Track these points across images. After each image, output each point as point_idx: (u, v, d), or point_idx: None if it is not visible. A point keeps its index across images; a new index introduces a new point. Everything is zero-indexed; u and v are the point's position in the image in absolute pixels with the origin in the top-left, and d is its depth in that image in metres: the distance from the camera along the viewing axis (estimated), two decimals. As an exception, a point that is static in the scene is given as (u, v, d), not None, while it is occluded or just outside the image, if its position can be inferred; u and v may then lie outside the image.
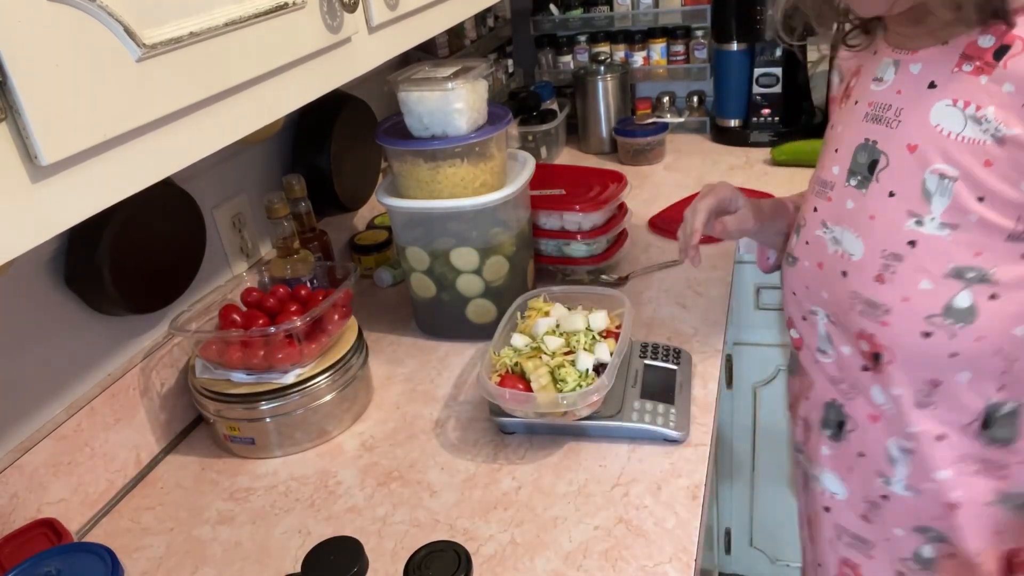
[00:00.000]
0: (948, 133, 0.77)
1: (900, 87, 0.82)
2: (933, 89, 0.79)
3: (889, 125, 0.83)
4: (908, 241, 0.81)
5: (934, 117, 0.78)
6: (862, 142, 0.86)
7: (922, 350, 0.83)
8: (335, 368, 1.07)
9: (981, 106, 0.75)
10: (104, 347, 1.03)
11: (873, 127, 0.85)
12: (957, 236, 0.78)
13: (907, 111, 0.81)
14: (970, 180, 0.76)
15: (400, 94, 1.17)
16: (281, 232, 1.22)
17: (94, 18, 0.51)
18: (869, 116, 0.85)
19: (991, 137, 0.74)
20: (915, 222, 0.80)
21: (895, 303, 0.83)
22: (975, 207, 0.76)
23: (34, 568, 0.75)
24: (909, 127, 0.81)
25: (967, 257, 0.78)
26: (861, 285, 0.85)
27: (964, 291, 0.79)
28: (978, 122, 0.75)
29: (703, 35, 2.04)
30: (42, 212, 0.50)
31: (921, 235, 0.80)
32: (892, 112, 0.83)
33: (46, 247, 0.94)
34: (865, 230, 0.85)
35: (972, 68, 0.76)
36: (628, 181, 1.45)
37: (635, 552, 0.85)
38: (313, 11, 0.74)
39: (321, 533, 0.93)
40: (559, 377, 1.00)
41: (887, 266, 0.83)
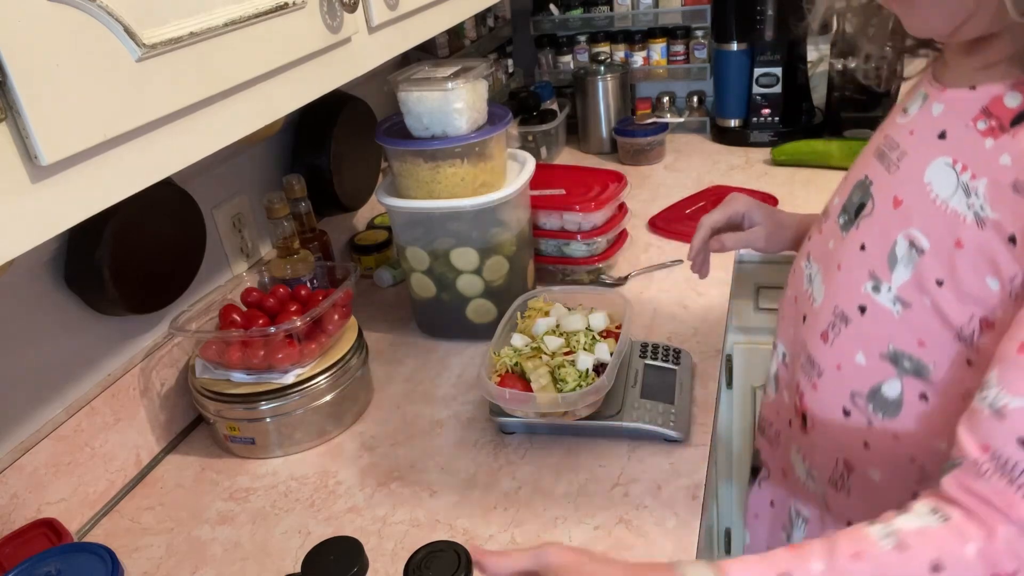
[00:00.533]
0: (935, 197, 0.67)
1: (915, 127, 0.72)
2: (941, 140, 0.68)
3: (889, 168, 0.74)
4: (859, 305, 0.72)
5: (929, 173, 0.68)
6: (861, 179, 0.77)
7: (839, 427, 0.75)
8: (335, 368, 1.07)
9: (977, 175, 0.64)
10: (104, 347, 1.03)
11: (876, 165, 0.76)
12: (907, 316, 0.68)
13: (909, 158, 0.71)
14: (937, 258, 0.65)
15: (400, 94, 1.17)
16: (281, 232, 1.22)
17: (94, 18, 0.51)
18: (878, 151, 0.76)
19: (973, 215, 0.63)
20: (872, 287, 0.71)
21: (828, 368, 0.76)
22: (932, 290, 0.66)
23: (34, 568, 0.75)
24: (903, 177, 0.71)
25: (910, 343, 0.68)
26: (809, 336, 0.78)
27: (895, 379, 0.70)
28: (967, 193, 0.64)
29: (703, 35, 2.04)
30: (42, 212, 0.50)
31: (873, 303, 0.71)
32: (897, 154, 0.73)
33: (46, 247, 0.94)
34: (830, 278, 0.77)
35: (986, 127, 0.64)
36: (628, 181, 1.45)
37: (635, 552, 0.85)
38: (313, 11, 0.74)
39: (321, 533, 0.93)
40: (559, 377, 1.00)
41: (834, 325, 0.75)
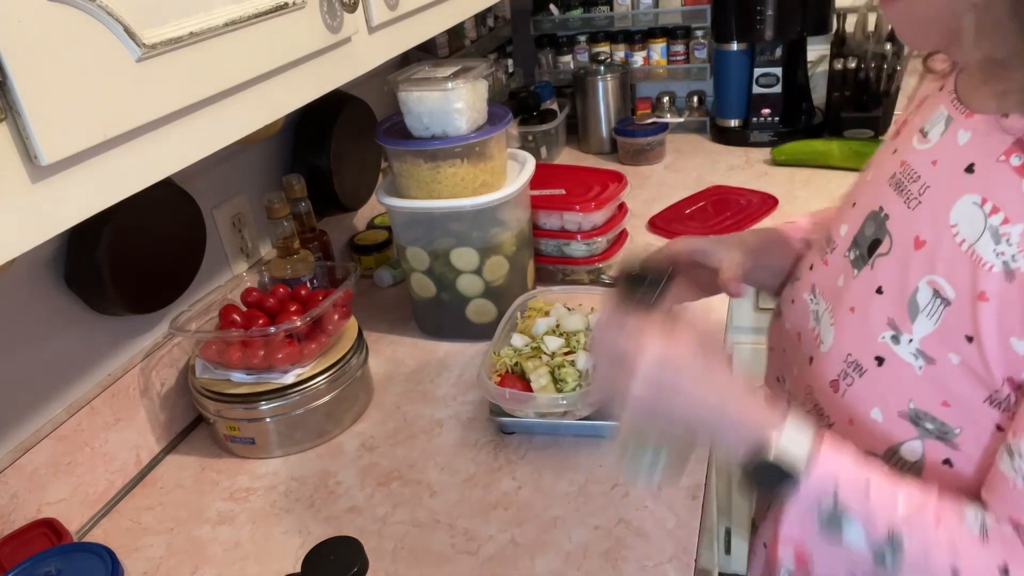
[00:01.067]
0: (961, 240, 0.59)
1: (939, 156, 0.64)
2: (969, 175, 0.60)
3: (908, 202, 0.65)
4: (876, 356, 0.64)
5: (955, 214, 0.60)
6: (875, 210, 0.68)
7: None
8: (335, 368, 1.07)
9: (1010, 219, 0.56)
10: (104, 347, 1.03)
11: (892, 196, 0.67)
12: (929, 373, 0.60)
13: (933, 192, 0.63)
14: (964, 311, 0.58)
15: (400, 94, 1.17)
16: (281, 232, 1.22)
17: (94, 18, 0.51)
18: (895, 179, 0.68)
19: (1002, 265, 0.56)
20: (891, 336, 0.63)
21: (839, 421, 0.68)
22: (960, 346, 0.58)
23: (34, 568, 0.75)
24: (926, 214, 0.62)
25: (933, 404, 0.61)
26: (817, 383, 0.71)
27: (916, 441, 0.63)
28: (996, 239, 0.56)
29: (703, 35, 2.04)
30: (42, 212, 0.50)
31: (892, 355, 0.63)
32: (918, 186, 0.64)
33: (46, 247, 0.94)
34: (841, 321, 0.69)
35: (1020, 163, 0.56)
36: (628, 181, 1.45)
37: (635, 552, 0.85)
38: (313, 11, 0.74)
39: (321, 533, 0.93)
40: (559, 377, 1.00)
41: (846, 375, 0.67)
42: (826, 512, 0.60)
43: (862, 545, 0.59)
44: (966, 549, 0.56)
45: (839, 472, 0.60)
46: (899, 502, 0.58)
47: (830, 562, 0.69)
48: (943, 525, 0.57)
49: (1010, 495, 0.56)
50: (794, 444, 0.61)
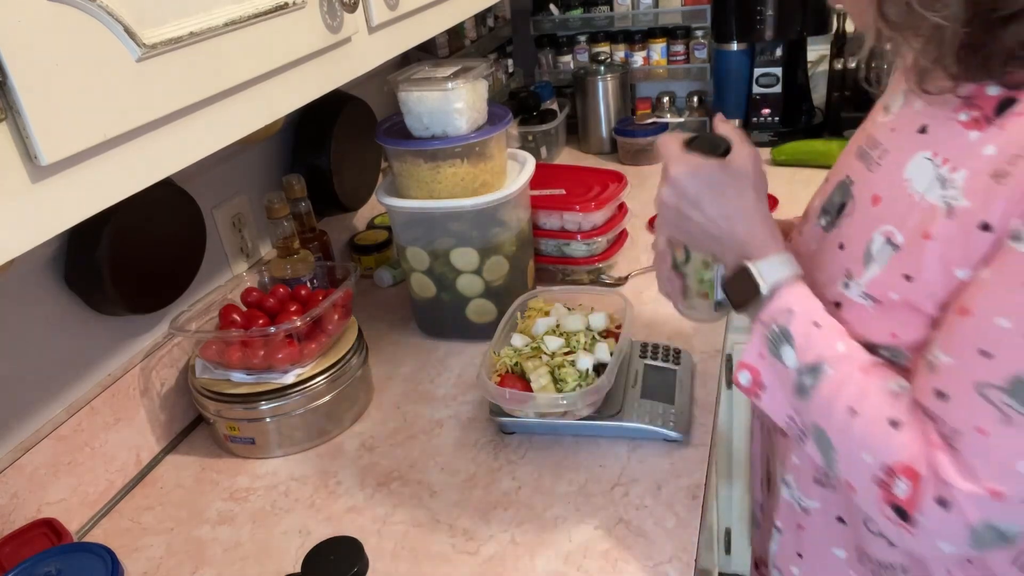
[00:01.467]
0: (912, 192, 0.65)
1: (897, 124, 0.71)
2: (922, 135, 0.67)
3: (869, 166, 0.72)
4: (835, 302, 0.71)
5: (909, 169, 0.66)
6: (843, 179, 0.76)
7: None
8: (335, 368, 1.07)
9: (957, 167, 0.62)
10: (104, 347, 1.03)
11: (857, 164, 0.75)
12: (878, 311, 0.67)
13: (890, 155, 0.70)
14: (908, 252, 0.64)
15: (400, 94, 1.17)
16: (281, 232, 1.22)
17: (94, 18, 0.51)
18: (859, 151, 0.75)
19: (945, 205, 0.61)
20: (844, 284, 0.70)
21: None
22: (900, 286, 0.65)
23: (34, 568, 0.75)
24: (883, 174, 0.70)
25: (883, 336, 0.67)
26: None
27: None
28: (943, 185, 0.62)
29: (703, 35, 2.04)
30: (42, 212, 0.50)
31: (846, 299, 0.70)
32: (878, 152, 0.72)
33: (46, 247, 0.94)
34: (810, 278, 0.75)
35: (969, 119, 0.62)
36: (628, 181, 1.45)
37: (635, 552, 0.85)
38: (313, 11, 0.74)
39: (321, 533, 0.93)
40: (559, 377, 1.00)
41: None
42: (774, 333, 0.71)
43: (792, 366, 0.69)
44: (875, 396, 0.65)
45: (799, 305, 0.71)
46: (838, 343, 0.68)
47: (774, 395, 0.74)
48: (869, 375, 0.66)
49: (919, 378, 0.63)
50: (773, 270, 0.73)
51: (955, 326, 0.60)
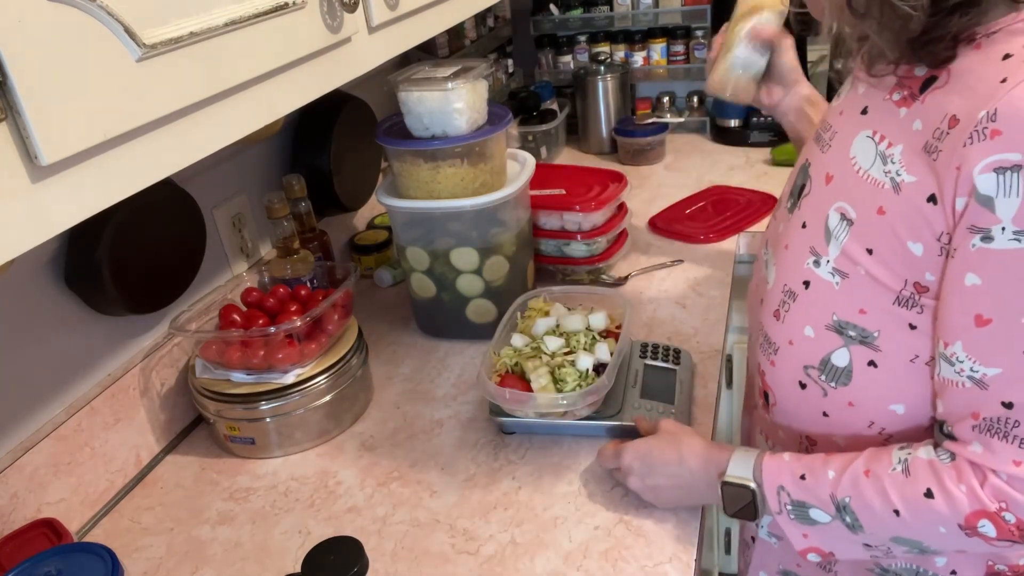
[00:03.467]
0: (858, 168, 0.70)
1: (844, 107, 0.77)
2: (864, 116, 0.72)
3: (823, 148, 0.77)
4: (804, 281, 0.75)
5: (854, 148, 0.72)
6: (804, 162, 0.81)
7: (797, 400, 0.79)
8: (335, 368, 1.07)
9: (893, 143, 0.67)
10: (104, 347, 1.03)
11: (814, 147, 0.80)
12: (845, 287, 0.71)
13: (839, 136, 0.75)
14: (864, 227, 0.69)
15: (400, 94, 1.17)
16: (281, 232, 1.22)
17: (94, 18, 0.51)
18: (816, 134, 0.81)
19: (890, 181, 0.66)
20: (813, 262, 0.74)
21: (782, 344, 0.78)
22: (863, 259, 0.69)
23: (34, 568, 0.75)
24: (834, 154, 0.75)
25: (851, 312, 0.71)
26: (765, 317, 0.81)
27: (842, 349, 0.72)
28: (884, 160, 0.67)
29: (703, 35, 2.04)
30: (42, 212, 0.50)
31: (815, 277, 0.73)
32: (829, 134, 0.77)
33: (46, 247, 0.94)
34: (779, 259, 0.80)
35: (900, 98, 0.68)
36: (628, 181, 1.45)
37: (635, 552, 0.85)
38: (313, 11, 0.74)
39: (321, 533, 0.93)
40: (559, 377, 1.00)
41: (784, 303, 0.78)
42: (790, 509, 0.73)
43: (828, 520, 0.71)
44: (895, 488, 0.67)
45: (779, 476, 0.74)
46: (829, 473, 0.71)
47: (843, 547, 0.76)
48: (871, 474, 0.68)
49: (961, 396, 0.65)
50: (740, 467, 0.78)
51: (983, 338, 0.62)
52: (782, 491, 0.74)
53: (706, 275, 1.40)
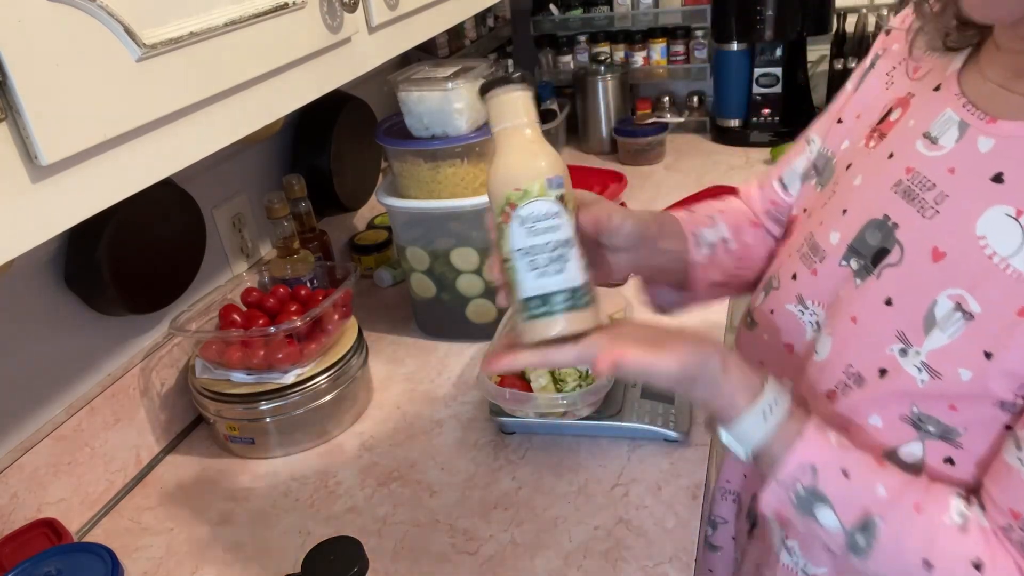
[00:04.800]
0: (992, 254, 0.56)
1: (956, 164, 0.60)
2: (998, 184, 0.56)
3: (923, 211, 0.61)
4: (880, 368, 0.61)
5: (983, 225, 0.57)
6: (879, 218, 0.64)
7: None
8: (335, 368, 1.07)
9: None
10: (104, 347, 1.03)
11: (900, 204, 0.63)
12: (936, 385, 0.58)
13: (952, 202, 0.59)
14: (989, 326, 0.55)
15: (400, 94, 1.17)
16: (281, 232, 1.22)
17: (94, 18, 0.51)
18: (901, 187, 0.63)
19: None
20: (899, 350, 0.60)
21: (834, 428, 0.65)
22: (976, 362, 0.56)
23: (34, 568, 0.75)
24: (946, 225, 0.59)
25: (938, 409, 0.58)
26: (810, 393, 0.68)
27: (915, 442, 0.60)
28: None
29: (703, 35, 2.04)
30: (42, 212, 0.50)
31: (896, 367, 0.60)
32: (933, 195, 0.60)
33: (46, 247, 0.94)
34: (840, 332, 0.65)
35: None
36: (628, 181, 1.45)
37: (635, 552, 0.85)
38: (313, 11, 0.74)
39: (321, 533, 0.93)
40: (559, 377, 1.00)
41: (846, 387, 0.64)
42: (799, 496, 0.61)
43: (836, 527, 0.60)
44: (942, 539, 0.57)
45: (819, 456, 0.61)
46: (878, 488, 0.59)
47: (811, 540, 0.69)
48: (923, 514, 0.58)
49: (1013, 486, 0.55)
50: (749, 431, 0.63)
51: None
52: (807, 471, 0.61)
53: (706, 275, 1.40)
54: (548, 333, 0.64)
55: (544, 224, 0.63)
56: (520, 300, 0.66)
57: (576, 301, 0.64)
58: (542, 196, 0.64)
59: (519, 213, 0.64)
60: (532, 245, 0.63)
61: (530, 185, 0.64)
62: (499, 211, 0.65)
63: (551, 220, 0.64)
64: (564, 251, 0.63)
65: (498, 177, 0.66)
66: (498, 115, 0.67)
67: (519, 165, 0.65)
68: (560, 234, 0.63)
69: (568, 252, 0.64)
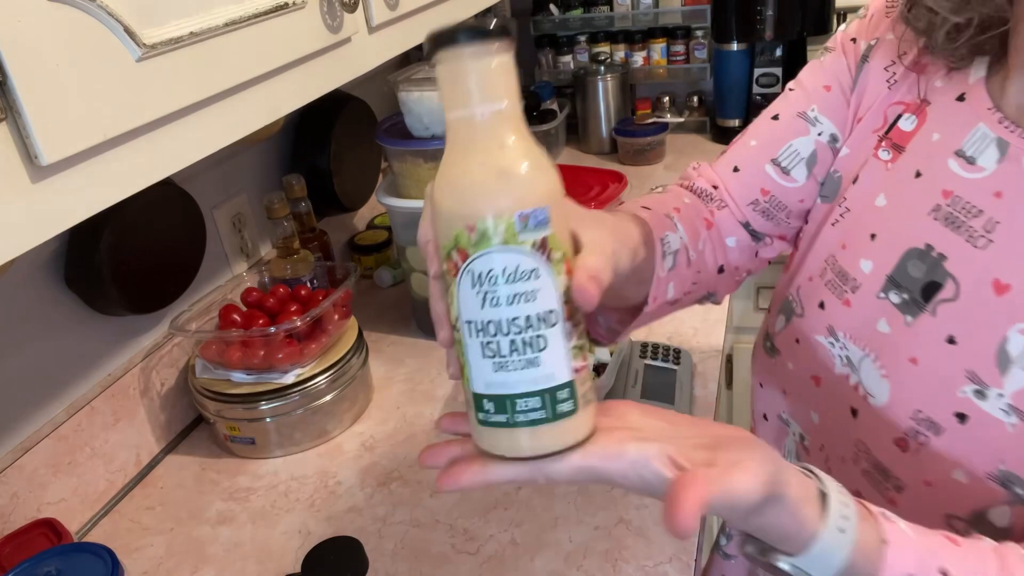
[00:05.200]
0: None
1: (1003, 187, 0.55)
2: None
3: (973, 240, 0.56)
4: (956, 412, 0.56)
5: None
6: (920, 248, 0.59)
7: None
8: (335, 368, 1.07)
9: None
10: (104, 347, 1.03)
11: (943, 232, 0.57)
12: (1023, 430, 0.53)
13: (1005, 228, 0.54)
14: None
15: (400, 94, 1.17)
16: (281, 232, 1.22)
17: (94, 18, 0.51)
18: (941, 213, 0.58)
19: None
20: (974, 391, 0.55)
21: (913, 483, 0.60)
22: None
23: (34, 568, 0.75)
24: (1005, 255, 0.54)
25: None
26: (874, 440, 0.62)
27: (1004, 506, 0.55)
28: None
29: (703, 35, 2.04)
30: (42, 212, 0.50)
31: (977, 411, 0.55)
32: (981, 223, 0.55)
33: (46, 247, 0.94)
34: (898, 373, 0.60)
35: None
36: (628, 181, 1.45)
37: (635, 552, 0.85)
38: (313, 11, 0.74)
39: (321, 533, 0.93)
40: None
41: (917, 433, 0.58)
42: None
43: None
44: None
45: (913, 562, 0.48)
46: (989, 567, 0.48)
47: None
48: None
49: None
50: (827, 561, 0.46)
51: None
52: None
53: (706, 275, 1.40)
54: (507, 453, 0.44)
55: (510, 290, 0.40)
56: (470, 392, 0.45)
57: (556, 407, 0.41)
58: (510, 243, 0.39)
59: (472, 267, 0.40)
60: (489, 321, 0.40)
61: (491, 224, 0.39)
62: (444, 255, 0.42)
63: (523, 283, 0.40)
64: (542, 332, 0.40)
65: (444, 200, 0.41)
66: (454, 91, 0.43)
67: (477, 185, 0.40)
68: (536, 306, 0.40)
69: (548, 333, 0.40)
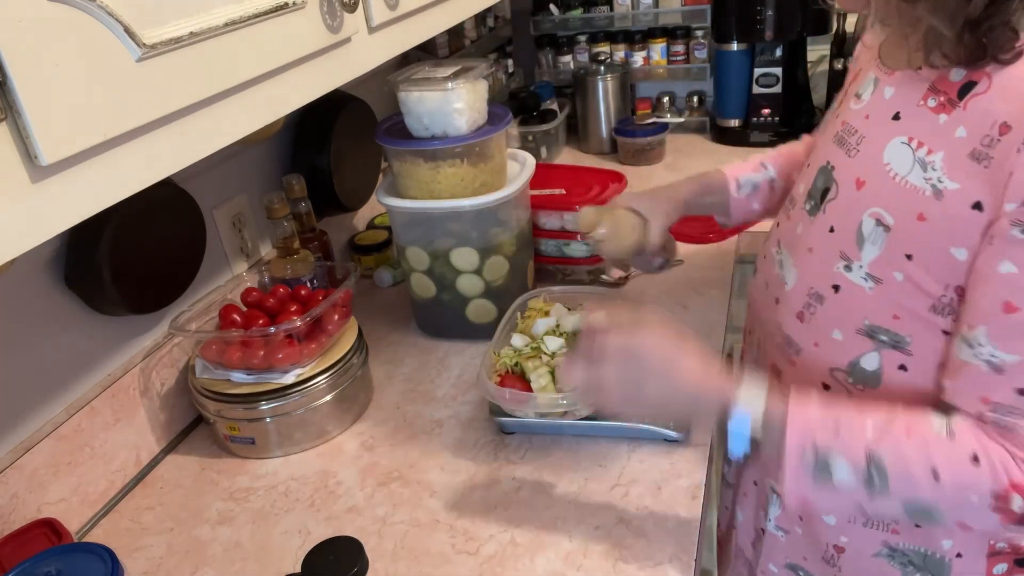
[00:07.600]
0: (895, 175, 0.70)
1: (870, 111, 0.75)
2: (896, 121, 0.71)
3: (849, 152, 0.76)
4: (833, 285, 0.75)
5: (888, 154, 0.71)
6: (824, 164, 0.80)
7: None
8: (335, 368, 1.07)
9: (932, 150, 0.67)
10: (104, 347, 1.03)
11: (836, 151, 0.79)
12: (879, 292, 0.71)
13: (867, 140, 0.74)
14: (903, 233, 0.69)
15: (400, 94, 1.17)
16: (281, 232, 1.22)
17: (94, 18, 0.51)
18: (837, 137, 0.79)
19: (931, 188, 0.66)
20: (844, 266, 0.74)
21: (806, 346, 0.79)
22: (902, 264, 0.69)
23: (34, 568, 0.75)
24: (864, 159, 0.74)
25: (885, 318, 0.71)
26: (784, 318, 0.82)
27: (873, 353, 0.73)
28: (924, 167, 0.67)
29: (703, 35, 2.04)
30: (42, 212, 0.50)
31: (846, 281, 0.74)
32: (855, 138, 0.76)
33: (46, 247, 0.94)
34: (801, 261, 0.80)
35: (936, 104, 0.68)
36: (628, 181, 1.45)
37: (635, 552, 0.85)
38: (313, 11, 0.74)
39: (321, 533, 0.93)
40: (559, 377, 1.00)
41: (809, 305, 0.78)
42: (811, 463, 0.67)
43: (850, 478, 0.66)
44: (939, 450, 0.65)
45: (809, 424, 0.68)
46: (868, 427, 0.67)
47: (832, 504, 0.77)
48: (914, 435, 0.66)
49: (978, 379, 0.65)
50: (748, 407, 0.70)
51: (1008, 326, 0.63)
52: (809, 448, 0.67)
53: (706, 275, 1.40)
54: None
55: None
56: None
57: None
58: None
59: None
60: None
61: None
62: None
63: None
64: None
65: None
66: None
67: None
68: None
69: None
